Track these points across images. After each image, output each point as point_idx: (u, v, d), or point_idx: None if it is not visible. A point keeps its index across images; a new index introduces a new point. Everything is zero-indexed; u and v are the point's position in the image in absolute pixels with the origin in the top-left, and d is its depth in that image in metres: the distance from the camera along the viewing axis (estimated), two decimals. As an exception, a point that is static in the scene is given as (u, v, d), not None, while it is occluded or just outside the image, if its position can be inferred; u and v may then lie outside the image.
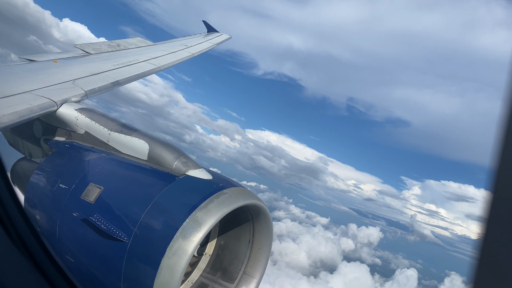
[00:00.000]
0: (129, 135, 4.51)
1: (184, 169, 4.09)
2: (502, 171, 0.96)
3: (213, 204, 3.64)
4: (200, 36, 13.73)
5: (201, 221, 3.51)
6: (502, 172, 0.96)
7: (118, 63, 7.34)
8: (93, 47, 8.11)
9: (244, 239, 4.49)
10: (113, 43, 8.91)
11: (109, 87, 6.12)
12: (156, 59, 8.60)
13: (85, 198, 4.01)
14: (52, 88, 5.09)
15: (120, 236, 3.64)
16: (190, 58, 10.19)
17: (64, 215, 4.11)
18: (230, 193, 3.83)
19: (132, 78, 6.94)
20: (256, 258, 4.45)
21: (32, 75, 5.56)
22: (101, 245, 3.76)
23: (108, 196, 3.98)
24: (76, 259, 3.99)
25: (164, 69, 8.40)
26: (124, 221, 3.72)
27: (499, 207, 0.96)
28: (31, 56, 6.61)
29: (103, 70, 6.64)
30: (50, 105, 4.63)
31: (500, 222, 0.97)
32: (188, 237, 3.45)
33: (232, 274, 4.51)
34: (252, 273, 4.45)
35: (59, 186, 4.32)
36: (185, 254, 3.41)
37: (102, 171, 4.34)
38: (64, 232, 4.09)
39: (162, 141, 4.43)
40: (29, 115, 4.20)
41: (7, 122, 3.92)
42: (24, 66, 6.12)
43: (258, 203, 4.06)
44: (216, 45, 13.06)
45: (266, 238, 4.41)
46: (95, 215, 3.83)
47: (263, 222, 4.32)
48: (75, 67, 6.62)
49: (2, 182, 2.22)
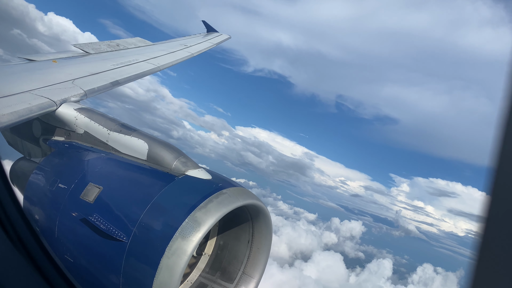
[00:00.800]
0: (129, 135, 4.51)
1: (184, 169, 4.09)
2: (501, 171, 0.96)
3: (212, 204, 3.64)
4: (199, 36, 13.73)
5: (201, 221, 3.51)
6: (501, 172, 0.96)
7: (118, 63, 7.34)
8: (92, 47, 8.11)
9: (244, 239, 4.49)
10: (112, 43, 8.90)
11: (108, 87, 6.12)
12: (155, 59, 8.59)
13: (84, 198, 4.01)
14: (51, 88, 5.08)
15: (119, 236, 3.64)
16: (189, 58, 10.19)
17: (63, 215, 4.11)
18: (229, 193, 3.83)
19: (132, 78, 6.93)
20: (255, 258, 4.45)
21: (31, 75, 5.55)
22: (100, 245, 3.76)
23: (107, 196, 3.97)
24: (75, 259, 3.99)
25: (163, 69, 8.40)
26: (123, 221, 3.72)
27: (498, 207, 0.96)
28: (31, 56, 6.60)
29: (102, 70, 6.63)
30: (49, 105, 4.63)
31: (499, 222, 0.97)
32: (187, 237, 3.44)
33: (231, 274, 4.51)
34: (252, 273, 4.45)
35: (58, 186, 4.31)
36: (184, 254, 3.41)
37: (101, 171, 4.34)
38: (63, 232, 4.08)
39: (161, 141, 4.43)
40: (28, 115, 4.20)
41: (6, 121, 3.92)
42: (23, 65, 6.11)
43: (258, 203, 4.06)
44: (215, 45, 13.06)
45: (265, 238, 4.40)
46: (94, 215, 3.83)
47: (263, 222, 4.32)
48: (75, 67, 6.62)
49: (1, 182, 2.22)
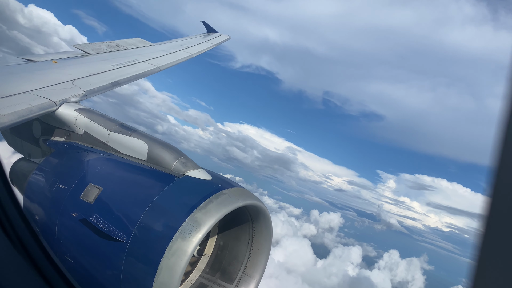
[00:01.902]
0: (129, 135, 4.51)
1: (184, 170, 4.09)
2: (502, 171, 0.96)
3: (212, 205, 3.64)
4: (199, 37, 13.73)
5: (201, 221, 3.51)
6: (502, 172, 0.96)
7: (118, 63, 7.34)
8: (92, 47, 8.11)
9: (244, 240, 4.49)
10: (112, 43, 8.91)
11: (108, 87, 6.11)
12: (155, 59, 8.59)
13: (84, 198, 4.00)
14: (51, 88, 5.08)
15: (119, 236, 3.63)
16: (189, 58, 10.19)
17: (63, 216, 4.10)
18: (229, 193, 3.83)
19: (132, 78, 6.93)
20: (255, 259, 4.45)
21: (31, 75, 5.55)
22: (100, 245, 3.75)
23: (107, 196, 3.97)
24: (75, 259, 3.98)
25: (163, 69, 8.40)
26: (123, 221, 3.72)
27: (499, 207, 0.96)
28: (30, 56, 6.61)
29: (102, 70, 6.63)
30: (49, 105, 4.63)
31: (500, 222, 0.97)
32: (187, 238, 3.44)
33: (231, 274, 4.50)
34: (252, 273, 4.45)
35: (58, 187, 4.31)
36: (185, 254, 3.41)
37: (101, 172, 4.33)
38: (63, 232, 4.08)
39: (161, 142, 4.43)
40: (28, 115, 4.19)
41: (6, 122, 3.92)
42: (23, 66, 6.11)
43: (258, 203, 4.06)
44: (215, 46, 13.06)
45: (265, 238, 4.40)
46: (94, 216, 3.83)
47: (263, 222, 4.31)
48: (75, 67, 6.62)
49: (1, 183, 2.22)
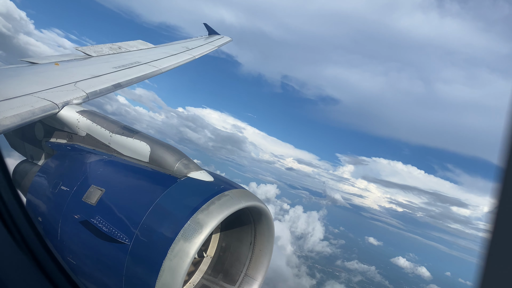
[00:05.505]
0: (131, 137, 4.52)
1: (185, 171, 4.09)
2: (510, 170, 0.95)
3: (214, 206, 3.64)
4: (201, 39, 13.77)
5: (203, 223, 3.51)
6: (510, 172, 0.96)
7: (119, 66, 7.36)
8: (94, 49, 8.14)
9: (246, 241, 4.48)
10: (114, 45, 8.94)
11: (110, 89, 6.13)
12: (157, 61, 8.62)
13: (86, 200, 4.01)
14: (53, 91, 5.10)
15: (121, 238, 3.64)
16: (191, 60, 10.21)
17: (65, 217, 4.11)
18: (231, 195, 3.83)
19: (133, 80, 6.95)
20: (257, 260, 4.45)
21: (34, 78, 5.57)
22: (102, 247, 3.76)
23: (109, 198, 3.98)
24: (77, 261, 3.99)
25: (165, 71, 8.42)
26: (125, 223, 3.72)
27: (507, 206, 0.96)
28: (33, 59, 6.63)
29: (104, 73, 6.65)
30: (52, 108, 4.64)
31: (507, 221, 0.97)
32: (189, 239, 3.44)
33: (233, 276, 4.50)
34: (254, 275, 4.44)
35: (60, 188, 4.32)
36: (187, 256, 3.41)
37: (103, 173, 4.34)
38: (66, 234, 4.08)
39: (163, 143, 4.44)
40: (31, 118, 4.21)
41: (9, 124, 3.93)
42: (26, 68, 6.13)
43: (260, 205, 4.06)
44: (217, 47, 13.09)
45: (267, 240, 4.40)
46: (96, 217, 3.83)
47: (265, 223, 4.31)
48: (77, 69, 6.64)
49: (5, 184, 2.23)
